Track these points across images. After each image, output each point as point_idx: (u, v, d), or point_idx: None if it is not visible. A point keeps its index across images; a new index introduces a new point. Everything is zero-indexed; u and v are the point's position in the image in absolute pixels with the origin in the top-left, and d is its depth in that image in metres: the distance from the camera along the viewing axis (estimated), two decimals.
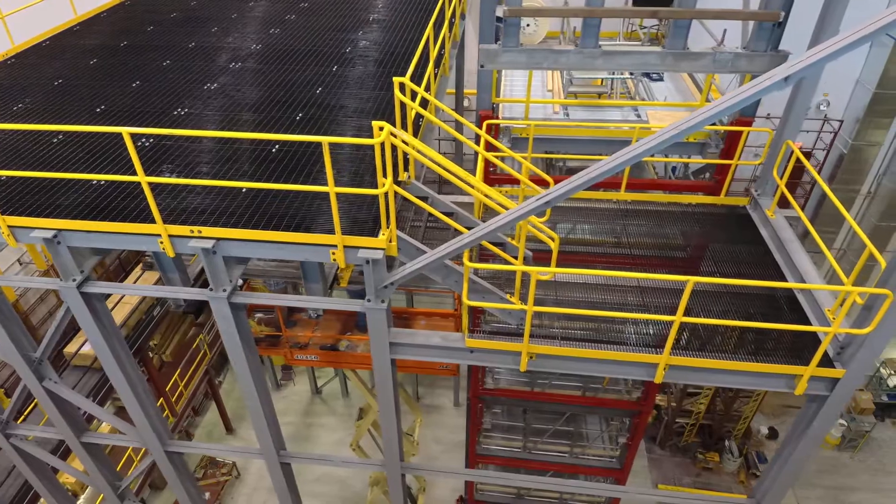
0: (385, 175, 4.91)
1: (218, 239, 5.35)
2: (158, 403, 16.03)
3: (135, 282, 13.96)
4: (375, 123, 4.69)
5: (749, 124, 7.62)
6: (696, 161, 8.80)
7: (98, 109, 7.78)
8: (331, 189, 4.83)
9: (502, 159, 8.00)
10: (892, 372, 20.23)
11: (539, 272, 5.45)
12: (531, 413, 13.26)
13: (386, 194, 4.97)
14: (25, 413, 12.32)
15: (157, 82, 8.46)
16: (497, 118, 8.54)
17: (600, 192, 8.35)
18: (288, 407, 21.25)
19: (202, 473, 18.19)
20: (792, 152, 6.75)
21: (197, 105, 7.78)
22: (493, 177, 8.53)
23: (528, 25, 11.15)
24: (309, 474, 18.96)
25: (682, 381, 5.88)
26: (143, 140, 6.95)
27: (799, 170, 16.43)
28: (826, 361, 5.58)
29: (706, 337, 6.23)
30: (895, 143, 16.04)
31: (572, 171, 11.12)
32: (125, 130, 4.84)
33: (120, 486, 8.73)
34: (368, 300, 5.53)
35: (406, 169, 6.11)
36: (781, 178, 6.81)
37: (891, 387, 20.17)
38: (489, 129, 8.16)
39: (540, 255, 7.59)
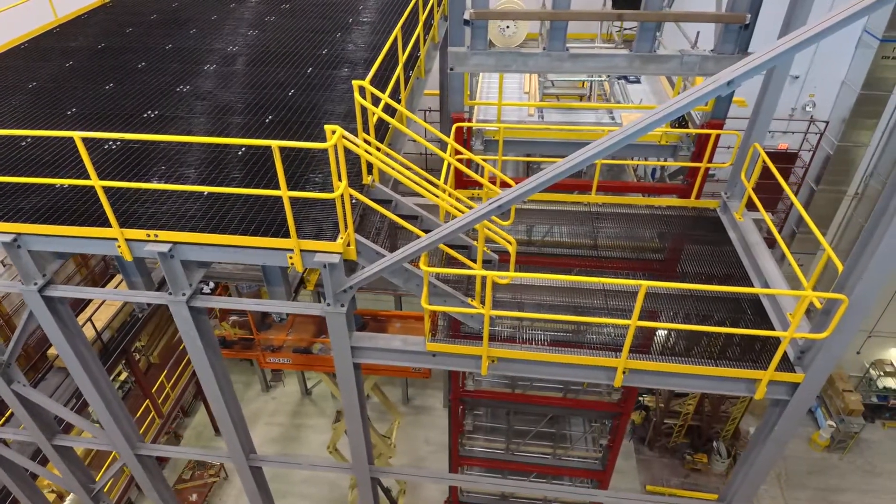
0: (340, 179, 4.89)
1: (174, 243, 5.33)
2: (144, 405, 16.09)
3: (117, 285, 13.92)
4: (328, 127, 4.68)
5: (720, 126, 7.60)
6: (667, 164, 8.78)
7: (69, 112, 7.76)
8: (283, 193, 4.82)
9: (472, 162, 7.98)
10: (882, 373, 20.20)
11: (497, 276, 5.45)
12: (514, 415, 13.25)
13: (347, 198, 4.97)
14: (6, 416, 12.31)
15: (130, 84, 8.45)
16: (471, 121, 8.53)
17: (574, 195, 8.33)
18: (277, 408, 21.23)
19: (190, 475, 18.18)
20: (761, 155, 6.72)
21: (167, 107, 7.76)
22: (466, 180, 8.51)
23: (507, 27, 11.12)
24: (297, 475, 18.98)
25: (641, 385, 5.86)
26: (111, 143, 6.94)
27: (785, 171, 16.41)
28: (789, 366, 5.58)
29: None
30: (882, 144, 16.02)
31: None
32: (77, 135, 4.82)
33: (94, 488, 8.71)
34: (328, 304, 5.51)
35: (370, 172, 6.10)
36: (749, 180, 6.79)
37: (880, 388, 20.14)
38: (460, 132, 8.16)
39: (517, 259, 7.59)
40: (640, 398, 20.04)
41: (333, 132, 4.64)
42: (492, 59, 7.21)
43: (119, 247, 5.41)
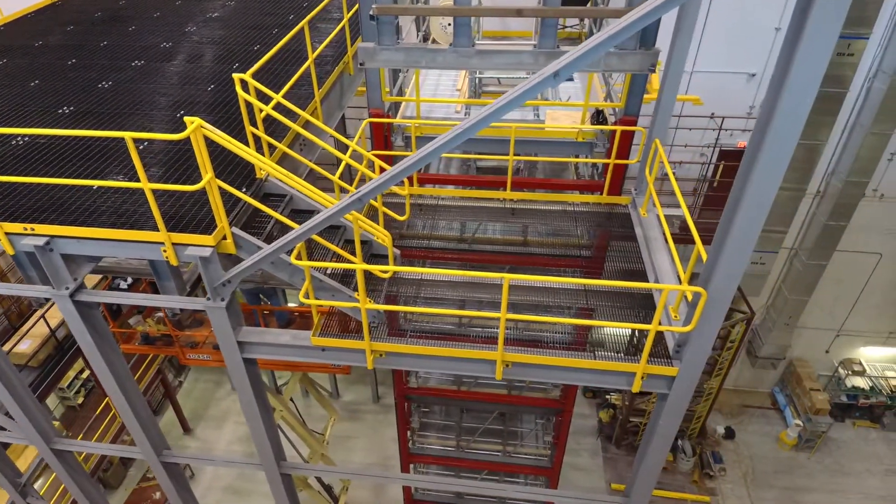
0: (206, 170, 4.91)
1: (51, 236, 5.35)
2: (104, 403, 16.13)
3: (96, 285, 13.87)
4: (187, 119, 4.70)
5: (634, 123, 7.60)
6: (577, 160, 8.80)
7: None
8: (144, 185, 4.84)
9: (392, 158, 7.99)
10: (850, 372, 20.17)
11: (376, 269, 5.47)
12: (465, 412, 13.27)
13: (215, 190, 4.99)
14: None
15: (55, 81, 8.48)
16: (393, 117, 8.56)
17: (499, 191, 8.34)
18: None
19: None
20: (660, 152, 6.72)
21: (84, 103, 7.79)
22: None
23: (449, 24, 11.15)
24: (262, 475, 18.95)
25: (524, 378, 5.88)
26: (18, 139, 6.98)
27: None
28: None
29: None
30: (842, 142, 16.02)
31: (482, 171, 11.13)
32: None
33: (21, 482, 8.74)
34: (208, 298, 5.53)
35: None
36: (652, 176, 6.79)
37: (849, 387, 20.10)
38: (380, 129, 8.18)
39: (440, 255, 7.60)
40: (608, 396, 20.05)
41: (192, 123, 4.66)
42: (400, 54, 7.22)
43: None
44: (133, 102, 7.74)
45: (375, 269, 5.45)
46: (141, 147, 6.62)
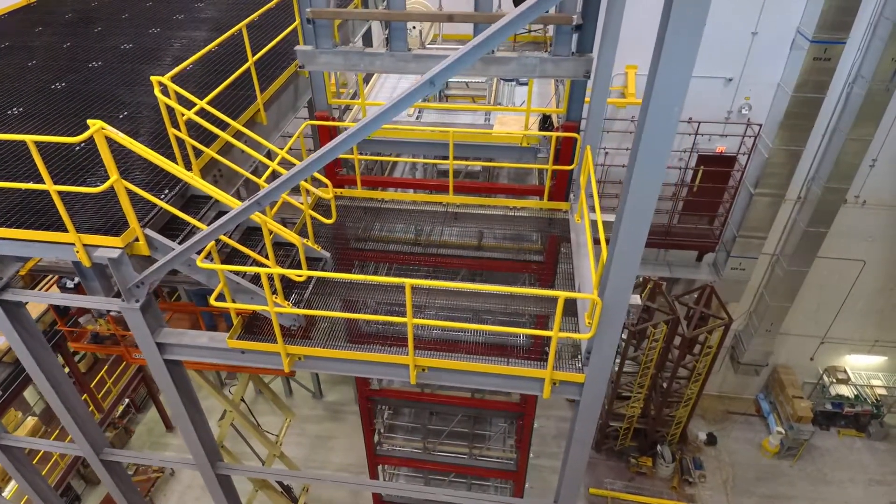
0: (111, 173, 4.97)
1: None
2: (82, 399, 16.27)
3: (48, 287, 13.99)
4: (90, 121, 4.76)
5: (575, 129, 7.59)
6: (515, 165, 8.81)
7: None
8: (50, 187, 4.90)
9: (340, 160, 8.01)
10: (835, 380, 19.97)
11: (291, 273, 5.51)
12: (433, 415, 13.28)
13: (122, 192, 5.05)
14: None
15: (11, 82, 8.60)
16: (342, 121, 8.60)
17: (441, 195, 8.34)
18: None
19: (134, 471, 18.35)
20: (587, 158, 6.71)
21: (33, 104, 7.90)
22: (340, 178, 8.54)
23: (413, 27, 11.21)
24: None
25: (437, 382, 5.89)
26: None
27: (724, 174, 16.30)
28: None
29: None
30: (822, 148, 15.88)
31: (444, 174, 11.14)
32: None
33: None
34: (123, 300, 5.59)
35: (189, 170, 6.16)
36: (588, 183, 6.78)
37: (833, 395, 19.91)
38: (326, 131, 8.23)
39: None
40: None
41: (94, 125, 4.72)
42: (339, 58, 7.26)
43: None
44: (82, 104, 7.83)
45: (291, 273, 5.48)
46: (78, 147, 6.70)
